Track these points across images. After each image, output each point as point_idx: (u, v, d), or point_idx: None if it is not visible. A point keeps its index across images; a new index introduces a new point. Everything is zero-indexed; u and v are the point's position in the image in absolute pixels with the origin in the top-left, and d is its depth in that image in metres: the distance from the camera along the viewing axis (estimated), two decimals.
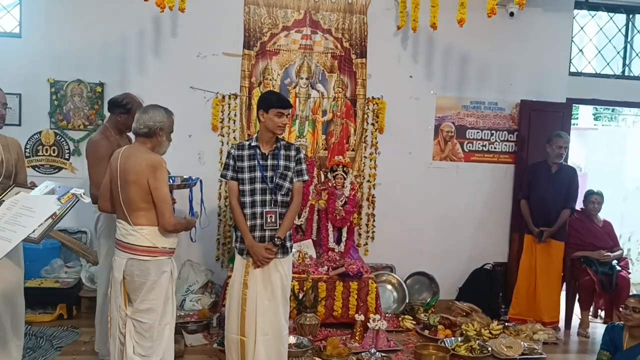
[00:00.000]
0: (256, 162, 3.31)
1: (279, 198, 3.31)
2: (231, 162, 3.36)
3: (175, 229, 2.91)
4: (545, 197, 5.00)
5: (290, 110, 3.32)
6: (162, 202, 2.83)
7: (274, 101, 3.29)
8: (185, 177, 3.44)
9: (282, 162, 3.32)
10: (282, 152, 3.35)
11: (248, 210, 3.31)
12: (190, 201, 3.35)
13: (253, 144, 3.35)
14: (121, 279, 2.89)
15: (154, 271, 2.86)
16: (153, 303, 2.88)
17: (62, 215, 2.50)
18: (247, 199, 3.31)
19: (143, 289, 2.86)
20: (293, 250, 3.64)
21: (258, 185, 3.30)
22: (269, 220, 3.29)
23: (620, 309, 3.57)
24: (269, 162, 3.32)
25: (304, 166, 3.41)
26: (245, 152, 3.34)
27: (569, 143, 5.09)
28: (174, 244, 2.98)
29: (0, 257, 2.24)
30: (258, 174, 3.30)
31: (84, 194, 2.62)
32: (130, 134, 3.83)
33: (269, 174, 3.30)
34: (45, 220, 2.44)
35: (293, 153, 3.38)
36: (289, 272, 3.40)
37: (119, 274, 2.89)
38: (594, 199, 5.20)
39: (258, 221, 3.30)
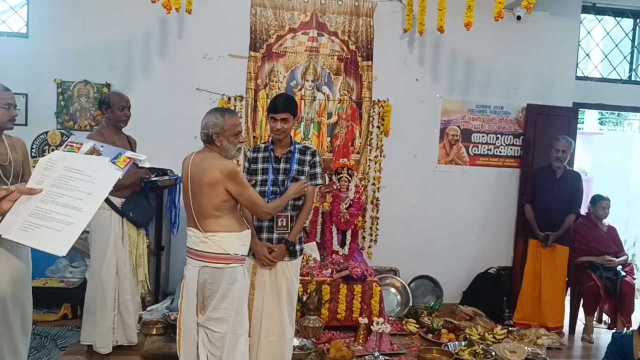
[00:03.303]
0: (269, 165, 3.29)
1: (291, 201, 3.27)
2: (246, 164, 3.40)
3: (275, 211, 3.08)
4: (549, 202, 4.96)
5: (287, 114, 3.19)
6: (252, 204, 2.89)
7: (269, 105, 3.28)
8: None
9: (295, 166, 3.28)
10: (297, 155, 3.30)
11: None
12: None
13: (269, 147, 3.34)
14: (195, 287, 2.84)
15: (226, 279, 2.80)
16: (225, 312, 2.82)
17: None
18: None
19: (215, 297, 2.80)
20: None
21: (268, 188, 3.27)
22: (279, 224, 3.26)
23: None
24: (282, 165, 3.29)
25: (318, 170, 3.35)
26: (260, 155, 3.34)
27: (571, 147, 5.04)
28: (246, 250, 2.92)
29: (75, 238, 1.65)
30: (270, 176, 3.27)
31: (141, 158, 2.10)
32: (128, 132, 3.91)
33: (281, 177, 3.27)
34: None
35: (308, 157, 3.32)
36: (295, 276, 3.36)
37: (192, 282, 2.84)
38: (605, 204, 5.13)
39: (265, 223, 3.27)
